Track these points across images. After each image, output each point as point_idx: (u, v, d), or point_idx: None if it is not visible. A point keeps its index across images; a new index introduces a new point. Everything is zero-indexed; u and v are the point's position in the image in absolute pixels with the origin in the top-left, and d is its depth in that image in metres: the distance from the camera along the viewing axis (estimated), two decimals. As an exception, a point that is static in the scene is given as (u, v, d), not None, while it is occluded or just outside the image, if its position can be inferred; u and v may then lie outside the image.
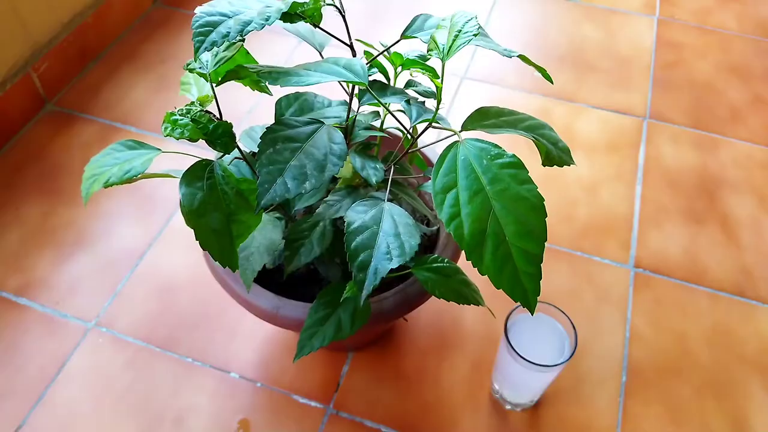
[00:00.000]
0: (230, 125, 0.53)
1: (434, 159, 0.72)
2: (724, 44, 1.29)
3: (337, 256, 0.63)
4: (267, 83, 0.59)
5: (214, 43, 0.44)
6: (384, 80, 0.57)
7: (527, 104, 1.15)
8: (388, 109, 0.53)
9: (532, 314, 0.48)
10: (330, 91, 0.65)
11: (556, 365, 0.64)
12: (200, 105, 0.54)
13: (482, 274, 0.46)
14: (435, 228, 0.73)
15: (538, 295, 0.48)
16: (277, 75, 0.49)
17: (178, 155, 0.59)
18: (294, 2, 0.48)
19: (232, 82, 0.58)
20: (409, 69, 0.55)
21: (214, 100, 0.56)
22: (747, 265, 0.92)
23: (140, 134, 1.08)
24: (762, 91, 1.19)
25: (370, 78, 0.52)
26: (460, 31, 0.49)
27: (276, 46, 1.24)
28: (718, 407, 0.78)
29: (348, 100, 0.59)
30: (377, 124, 0.63)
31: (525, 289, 0.47)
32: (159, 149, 0.57)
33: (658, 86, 1.19)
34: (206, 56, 0.53)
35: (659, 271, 0.91)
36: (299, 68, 0.50)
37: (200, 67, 0.53)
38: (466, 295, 0.59)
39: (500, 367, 0.72)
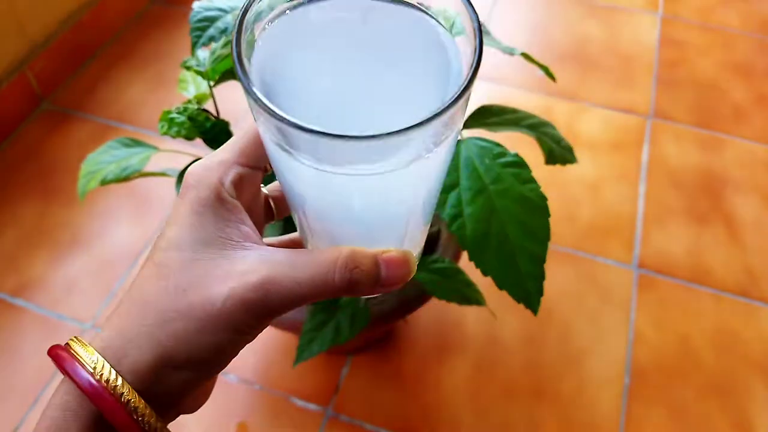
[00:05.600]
0: (227, 123, 0.52)
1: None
2: (727, 42, 1.28)
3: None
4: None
5: (211, 39, 0.44)
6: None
7: (529, 102, 1.14)
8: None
9: (535, 314, 0.47)
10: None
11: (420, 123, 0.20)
12: (197, 103, 0.53)
13: (485, 275, 0.45)
14: (435, 229, 0.72)
15: (541, 296, 0.47)
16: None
17: (174, 154, 0.58)
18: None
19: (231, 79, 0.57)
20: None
21: (211, 97, 0.55)
22: (751, 266, 0.91)
23: (136, 132, 1.07)
24: (766, 90, 1.18)
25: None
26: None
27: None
28: (722, 409, 0.77)
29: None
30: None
31: (528, 291, 0.46)
32: (156, 147, 0.56)
33: (662, 85, 1.18)
34: (203, 54, 0.52)
35: (663, 271, 0.90)
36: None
37: (197, 65, 0.52)
38: (468, 295, 0.58)
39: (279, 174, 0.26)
